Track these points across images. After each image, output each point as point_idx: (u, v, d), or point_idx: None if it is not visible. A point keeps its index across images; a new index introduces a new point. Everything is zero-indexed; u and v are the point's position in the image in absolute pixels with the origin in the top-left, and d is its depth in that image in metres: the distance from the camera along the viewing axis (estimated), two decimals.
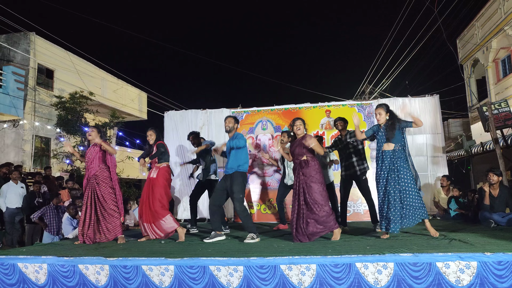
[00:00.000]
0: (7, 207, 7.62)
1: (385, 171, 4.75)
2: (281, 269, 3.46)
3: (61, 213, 7.25)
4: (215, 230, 5.10)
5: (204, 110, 8.42)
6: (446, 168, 7.67)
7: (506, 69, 12.76)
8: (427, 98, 7.75)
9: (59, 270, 3.85)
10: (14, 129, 13.41)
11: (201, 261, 3.60)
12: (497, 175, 5.96)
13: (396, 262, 3.34)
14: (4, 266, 4.00)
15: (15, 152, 13.37)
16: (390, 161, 4.73)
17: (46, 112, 14.30)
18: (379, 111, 4.93)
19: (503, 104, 8.70)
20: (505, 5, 11.69)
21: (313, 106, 7.95)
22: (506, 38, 12.02)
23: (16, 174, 7.96)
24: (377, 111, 4.96)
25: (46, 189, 8.44)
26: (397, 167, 4.69)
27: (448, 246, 3.85)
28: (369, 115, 7.70)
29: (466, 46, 14.60)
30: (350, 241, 4.54)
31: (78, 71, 15.46)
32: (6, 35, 13.97)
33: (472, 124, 14.27)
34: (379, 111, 4.93)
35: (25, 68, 13.63)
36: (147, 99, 20.51)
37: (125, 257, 3.82)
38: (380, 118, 4.91)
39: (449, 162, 10.63)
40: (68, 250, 4.47)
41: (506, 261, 3.21)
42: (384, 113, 4.88)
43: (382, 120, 4.90)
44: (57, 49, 15.09)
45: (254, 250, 4.13)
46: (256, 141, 8.07)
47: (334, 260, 3.43)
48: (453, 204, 6.98)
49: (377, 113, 4.94)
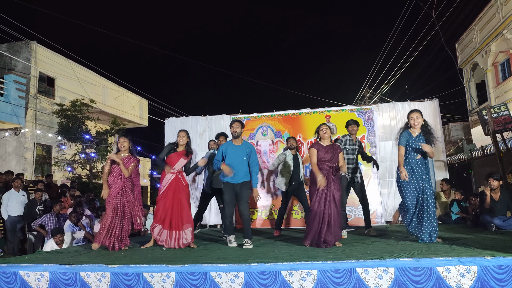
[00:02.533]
0: (8, 215, 7.64)
1: (418, 179, 4.59)
2: (282, 275, 3.46)
3: (62, 220, 7.26)
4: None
5: (204, 117, 8.45)
6: (446, 172, 7.67)
7: (505, 73, 12.79)
8: (426, 103, 7.77)
9: (61, 278, 3.86)
10: (15, 137, 13.46)
11: (202, 268, 3.61)
12: (497, 180, 5.96)
13: (396, 267, 3.34)
14: (6, 274, 4.01)
15: (16, 160, 13.41)
16: (421, 170, 4.60)
17: (47, 120, 14.35)
18: (417, 115, 4.65)
19: (502, 108, 8.72)
20: (504, 9, 11.74)
21: (313, 112, 7.98)
22: (505, 41, 12.06)
23: (17, 182, 7.99)
24: (415, 115, 4.65)
25: (48, 197, 8.46)
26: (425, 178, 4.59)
27: (449, 250, 3.85)
28: (369, 120, 7.73)
29: (465, 50, 14.65)
30: (351, 246, 4.55)
31: (79, 79, 15.55)
32: (7, 44, 14.08)
33: (473, 128, 14.27)
34: (416, 115, 4.65)
35: (26, 76, 13.71)
36: (148, 106, 20.58)
37: (127, 264, 3.83)
38: (418, 122, 4.63)
39: (450, 166, 10.64)
40: (70, 258, 4.48)
41: (506, 265, 3.21)
42: (421, 118, 4.65)
43: (419, 125, 4.65)
44: (58, 57, 15.18)
45: (255, 256, 4.14)
46: (256, 147, 8.08)
47: (335, 266, 3.44)
48: (455, 207, 6.98)
49: (415, 117, 4.64)
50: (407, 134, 4.67)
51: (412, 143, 4.63)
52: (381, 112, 7.78)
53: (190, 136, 5.44)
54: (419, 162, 4.62)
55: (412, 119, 4.66)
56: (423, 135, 4.63)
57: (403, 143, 4.66)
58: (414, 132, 4.68)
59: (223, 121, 8.28)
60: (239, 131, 5.13)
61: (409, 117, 4.70)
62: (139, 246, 5.30)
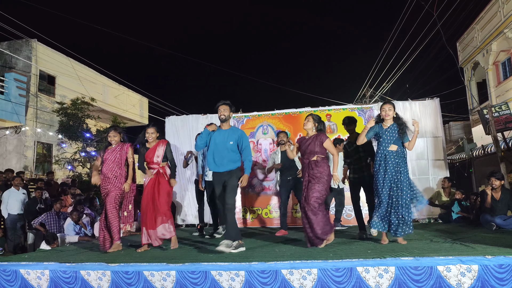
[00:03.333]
0: (8, 213, 7.64)
1: (391, 172, 4.55)
2: (282, 274, 3.46)
3: (62, 219, 7.26)
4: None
5: (205, 115, 8.45)
6: (447, 171, 7.66)
7: (506, 72, 12.77)
8: (427, 102, 7.76)
9: (61, 276, 3.86)
10: (16, 136, 13.46)
11: (203, 266, 3.61)
12: (498, 179, 5.96)
13: (397, 265, 3.34)
14: (6, 272, 4.01)
15: (17, 159, 13.41)
16: (395, 162, 4.57)
17: (48, 118, 14.35)
18: (389, 106, 4.67)
19: (503, 107, 8.69)
20: (505, 8, 11.72)
21: (313, 110, 7.96)
22: (506, 40, 12.04)
23: (17, 180, 7.99)
24: (387, 106, 4.67)
25: (48, 195, 8.46)
26: (400, 170, 4.56)
27: (449, 250, 3.84)
28: (369, 118, 7.69)
29: (466, 49, 14.62)
30: (351, 245, 4.54)
31: (80, 77, 15.54)
32: (8, 42, 14.06)
33: (473, 127, 14.26)
34: (388, 107, 4.66)
35: (27, 74, 13.70)
36: (148, 104, 20.59)
37: (127, 262, 3.83)
38: (390, 114, 4.65)
39: (450, 165, 10.63)
40: (70, 256, 4.48)
41: (507, 264, 3.21)
42: (393, 110, 4.68)
43: (390, 117, 4.66)
44: (58, 55, 15.17)
45: (256, 255, 4.14)
46: (257, 145, 8.08)
47: (335, 264, 3.44)
48: (456, 206, 6.97)
49: (387, 108, 4.65)
50: (376, 126, 4.74)
51: (382, 134, 4.68)
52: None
53: (190, 135, 5.29)
54: (394, 153, 4.60)
55: (383, 110, 4.70)
56: (397, 126, 4.65)
57: (369, 135, 4.74)
58: (386, 124, 4.72)
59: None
60: (227, 114, 4.63)
61: (381, 108, 4.77)
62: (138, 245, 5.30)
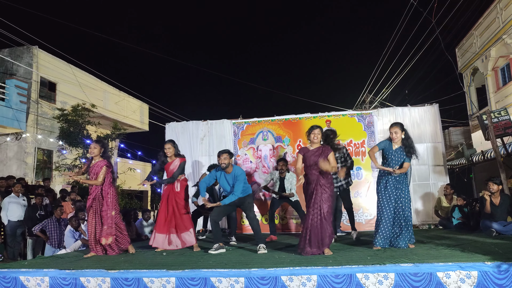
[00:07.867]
0: (8, 220, 7.63)
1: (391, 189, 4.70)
2: (282, 280, 3.46)
3: (63, 225, 7.26)
4: (218, 242, 5.04)
5: (205, 122, 8.47)
6: (447, 177, 7.67)
7: (505, 78, 12.80)
8: (426, 107, 7.78)
9: (61, 283, 3.86)
10: (16, 142, 13.47)
11: (202, 273, 3.61)
12: (496, 184, 5.95)
13: (397, 272, 3.34)
14: (6, 279, 4.01)
15: (17, 165, 13.42)
16: (396, 181, 4.72)
17: (48, 124, 14.38)
18: (395, 129, 4.70)
19: (503, 113, 8.71)
20: (503, 14, 11.78)
21: (313, 117, 7.99)
22: (505, 46, 12.08)
23: (18, 187, 7.99)
24: (393, 129, 4.71)
25: (48, 202, 8.46)
26: (401, 187, 4.71)
27: (449, 256, 3.85)
28: (369, 124, 7.74)
29: (465, 55, 14.68)
30: (351, 252, 4.54)
31: (80, 83, 15.58)
32: (9, 49, 14.12)
33: (473, 132, 14.27)
34: (394, 130, 4.70)
35: (27, 81, 13.75)
36: (148, 110, 20.62)
37: (127, 269, 3.83)
38: (396, 137, 4.70)
39: (450, 170, 10.63)
40: (70, 263, 4.48)
41: (506, 270, 3.22)
42: (400, 132, 4.70)
43: (398, 139, 4.71)
44: (59, 62, 15.23)
45: (255, 261, 4.14)
46: (257, 151, 8.10)
47: (335, 271, 3.44)
48: (456, 213, 6.95)
49: (393, 132, 4.70)
50: (387, 142, 4.82)
51: (390, 154, 4.76)
52: (381, 117, 7.79)
53: (191, 141, 5.58)
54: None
55: (391, 134, 4.78)
56: (404, 149, 4.72)
57: (380, 145, 4.86)
58: (394, 145, 4.78)
59: (223, 126, 8.30)
60: (227, 162, 5.06)
61: (389, 131, 4.82)
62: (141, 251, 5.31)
